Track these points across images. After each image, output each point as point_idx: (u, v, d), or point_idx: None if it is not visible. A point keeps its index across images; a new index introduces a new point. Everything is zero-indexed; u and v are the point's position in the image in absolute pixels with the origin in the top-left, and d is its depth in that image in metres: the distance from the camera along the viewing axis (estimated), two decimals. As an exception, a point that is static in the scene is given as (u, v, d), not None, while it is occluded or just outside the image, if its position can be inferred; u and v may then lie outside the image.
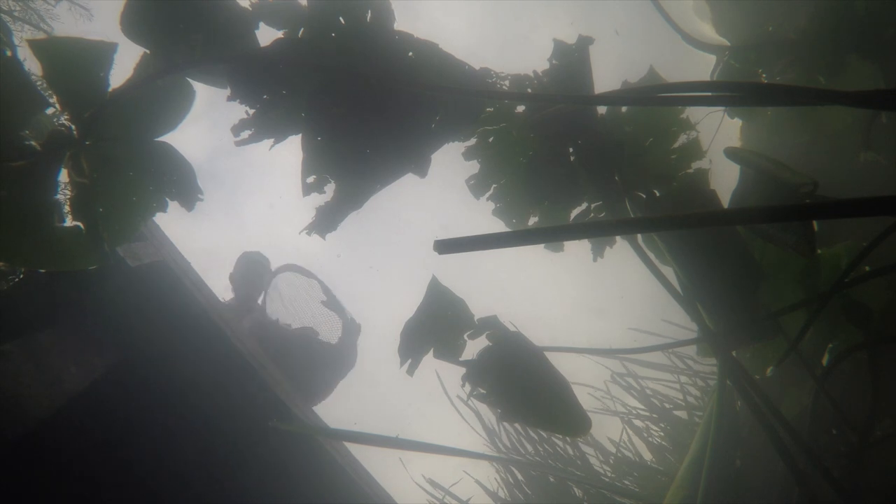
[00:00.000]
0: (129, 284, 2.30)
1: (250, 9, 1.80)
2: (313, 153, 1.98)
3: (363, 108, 2.00)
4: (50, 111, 1.68)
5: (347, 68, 1.93)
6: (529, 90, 2.10)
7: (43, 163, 1.57)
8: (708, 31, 2.90)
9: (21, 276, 2.59)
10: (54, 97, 1.62)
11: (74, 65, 1.57)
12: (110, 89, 1.62)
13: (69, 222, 1.69)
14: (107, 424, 2.18)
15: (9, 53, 1.52)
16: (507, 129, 2.16)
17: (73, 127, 1.62)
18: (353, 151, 2.02)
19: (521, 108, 2.17)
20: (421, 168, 2.11)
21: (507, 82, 2.06)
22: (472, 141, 2.17)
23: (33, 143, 1.59)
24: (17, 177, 1.53)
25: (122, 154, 1.72)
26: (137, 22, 1.66)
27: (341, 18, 1.88)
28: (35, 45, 1.55)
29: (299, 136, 2.01)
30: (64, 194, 1.74)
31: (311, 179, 2.00)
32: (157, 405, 2.32)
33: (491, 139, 2.18)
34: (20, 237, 1.60)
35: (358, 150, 2.02)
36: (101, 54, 1.59)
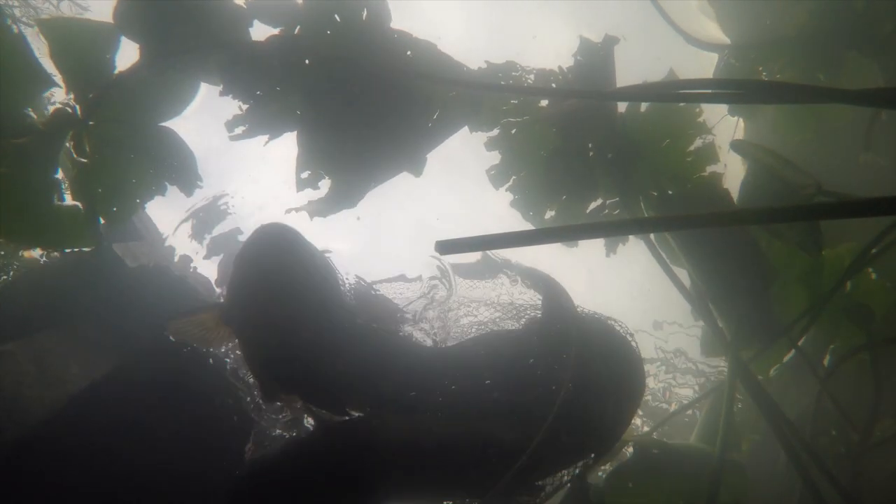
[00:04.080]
0: (129, 284, 2.30)
1: (245, 6, 1.79)
2: (308, 149, 1.97)
3: (359, 106, 1.99)
4: (52, 107, 1.68)
5: (343, 66, 1.93)
6: (554, 84, 2.07)
7: (45, 141, 1.56)
8: (714, 30, 2.89)
9: (11, 274, 2.59)
10: (60, 77, 1.62)
11: (81, 45, 1.57)
12: (116, 72, 1.62)
13: (68, 201, 1.70)
14: (107, 424, 2.17)
15: (15, 30, 1.53)
16: (530, 121, 2.14)
17: (77, 107, 1.63)
18: (347, 148, 2.01)
19: (545, 103, 2.16)
20: (416, 166, 2.10)
21: (532, 76, 2.05)
22: (496, 132, 2.15)
23: (35, 119, 1.59)
24: (18, 153, 1.53)
25: (124, 136, 1.72)
26: (130, 17, 1.65)
27: (337, 16, 1.87)
28: (43, 24, 1.56)
29: (293, 132, 2.00)
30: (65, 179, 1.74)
31: (305, 175, 2.00)
32: (157, 404, 2.32)
33: (514, 131, 2.16)
34: (19, 213, 1.60)
35: (353, 148, 2.01)
36: (108, 36, 1.60)
